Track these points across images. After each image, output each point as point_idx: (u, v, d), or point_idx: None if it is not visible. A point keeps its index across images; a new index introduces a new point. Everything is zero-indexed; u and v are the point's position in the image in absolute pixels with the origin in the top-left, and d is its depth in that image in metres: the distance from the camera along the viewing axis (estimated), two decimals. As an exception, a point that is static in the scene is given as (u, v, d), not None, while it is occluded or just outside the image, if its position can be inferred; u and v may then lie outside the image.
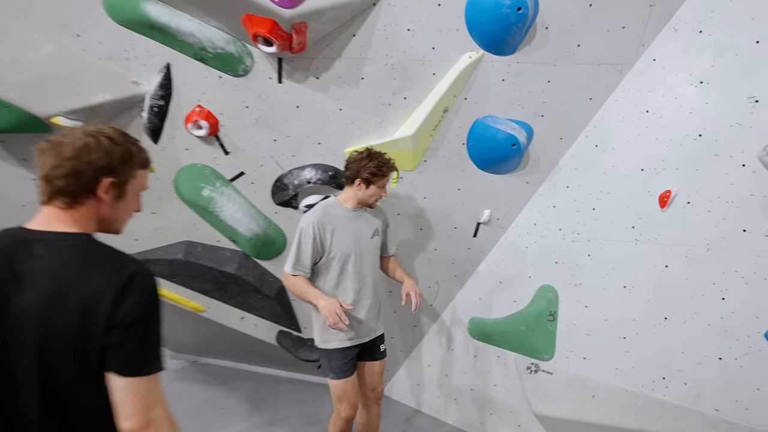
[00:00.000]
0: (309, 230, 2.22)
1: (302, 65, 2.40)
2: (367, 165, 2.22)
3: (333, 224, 2.27)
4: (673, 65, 2.34)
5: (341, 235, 2.28)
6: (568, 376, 2.64)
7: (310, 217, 2.25)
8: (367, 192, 2.27)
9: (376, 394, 2.55)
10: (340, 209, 2.33)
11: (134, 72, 2.40)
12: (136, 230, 2.86)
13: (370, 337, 2.44)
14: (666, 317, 2.33)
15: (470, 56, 2.40)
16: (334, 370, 2.36)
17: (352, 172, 2.27)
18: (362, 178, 2.24)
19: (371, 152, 2.27)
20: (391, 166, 2.28)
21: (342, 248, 2.28)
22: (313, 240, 2.21)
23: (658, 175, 2.37)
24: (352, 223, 2.33)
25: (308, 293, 2.20)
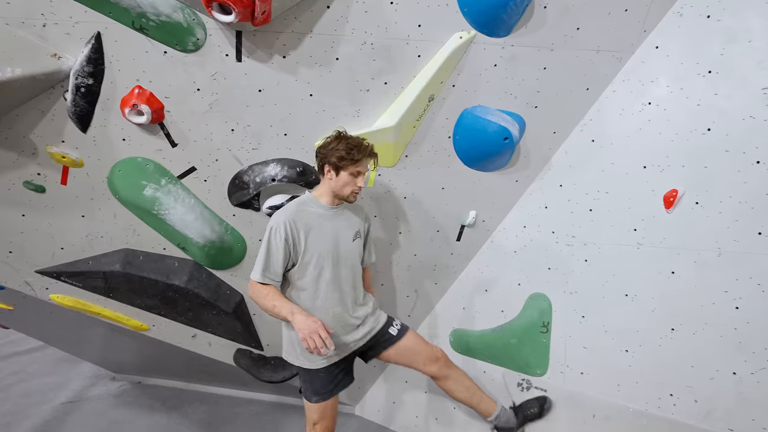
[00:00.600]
0: (280, 230, 1.90)
1: (266, 41, 2.03)
2: (335, 148, 1.92)
3: (307, 223, 1.96)
4: (678, 53, 2.15)
5: (317, 235, 1.97)
6: (564, 394, 2.41)
7: (281, 216, 1.93)
8: (338, 181, 1.96)
9: (440, 361, 2.24)
10: (315, 206, 2.01)
11: (54, 42, 1.94)
12: (62, 237, 2.39)
13: (360, 345, 2.16)
14: (673, 328, 2.14)
15: (460, 36, 2.11)
16: (318, 392, 2.08)
17: (321, 158, 1.99)
18: (330, 164, 1.93)
19: (341, 134, 1.97)
20: (364, 150, 1.94)
21: (318, 251, 1.97)
22: (285, 242, 1.90)
23: (662, 173, 2.18)
24: (330, 223, 2.01)
25: (281, 307, 1.86)
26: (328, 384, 2.10)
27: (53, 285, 2.49)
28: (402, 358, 2.21)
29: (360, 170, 1.96)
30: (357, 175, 1.97)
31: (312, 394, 2.08)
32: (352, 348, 2.14)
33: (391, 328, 2.21)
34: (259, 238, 2.50)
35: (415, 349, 2.20)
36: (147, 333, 2.73)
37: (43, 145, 2.15)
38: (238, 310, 2.66)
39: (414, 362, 2.22)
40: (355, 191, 1.99)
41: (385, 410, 3.15)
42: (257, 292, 1.92)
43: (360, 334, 2.13)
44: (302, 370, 2.09)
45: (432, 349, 2.24)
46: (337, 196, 2.01)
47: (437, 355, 2.23)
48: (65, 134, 2.15)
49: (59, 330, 3.04)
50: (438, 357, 2.23)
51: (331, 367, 2.09)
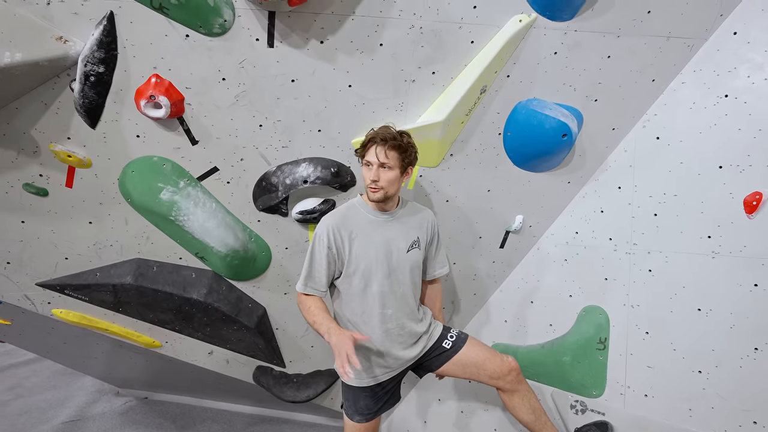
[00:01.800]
0: (323, 237, 1.71)
1: (302, 23, 1.78)
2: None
3: (353, 230, 1.75)
4: (762, 39, 1.93)
5: (363, 244, 1.75)
6: (626, 418, 2.17)
7: (326, 221, 1.75)
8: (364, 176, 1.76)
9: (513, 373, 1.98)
10: (365, 211, 1.80)
11: (60, 23, 1.68)
12: (66, 246, 2.13)
13: (411, 364, 1.95)
14: (757, 348, 1.91)
15: (520, 20, 1.88)
16: (362, 412, 1.89)
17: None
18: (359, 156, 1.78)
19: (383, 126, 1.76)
20: (379, 137, 1.68)
21: (365, 261, 1.75)
22: (328, 249, 1.71)
23: (742, 174, 1.95)
24: (380, 230, 1.79)
25: (320, 324, 1.69)
26: (373, 404, 1.90)
27: (56, 299, 2.24)
28: (463, 372, 1.98)
29: (370, 160, 1.70)
30: (368, 166, 1.71)
31: (354, 412, 1.90)
32: (402, 367, 1.92)
33: (445, 341, 1.98)
34: (285, 245, 2.26)
35: (477, 362, 1.95)
36: (159, 350, 2.48)
37: (46, 142, 1.90)
38: (261, 325, 2.41)
39: (478, 376, 1.98)
40: (372, 187, 1.72)
41: (414, 429, 2.91)
42: (301, 303, 1.80)
43: (412, 354, 1.90)
44: (346, 387, 1.90)
45: (501, 361, 1.97)
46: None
47: (510, 367, 1.97)
48: (71, 130, 1.89)
49: (60, 346, 2.78)
50: (511, 369, 1.97)
51: (377, 387, 1.89)
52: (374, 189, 1.72)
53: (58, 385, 3.76)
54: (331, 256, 1.73)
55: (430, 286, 2.12)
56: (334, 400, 2.82)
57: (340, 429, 3.13)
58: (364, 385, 1.87)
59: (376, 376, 1.87)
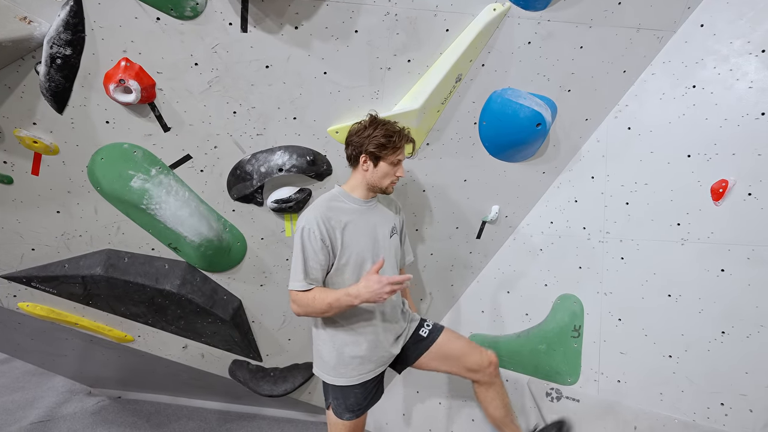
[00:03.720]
0: (314, 230, 1.63)
1: (276, 8, 1.76)
2: (372, 135, 1.68)
3: (341, 220, 1.69)
4: (727, 31, 1.98)
5: (353, 233, 1.71)
6: (600, 404, 2.21)
7: (311, 213, 1.67)
8: (377, 172, 1.72)
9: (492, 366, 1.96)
10: (348, 200, 1.75)
11: (23, 2, 1.63)
12: (33, 236, 2.07)
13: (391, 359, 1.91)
14: (724, 331, 1.96)
15: (494, 9, 1.89)
16: (352, 409, 1.82)
17: (355, 147, 1.72)
18: (367, 153, 1.69)
19: (376, 119, 1.73)
20: (405, 136, 1.72)
21: (356, 251, 1.71)
22: (322, 242, 1.64)
23: (709, 162, 2.00)
24: (366, 218, 1.76)
25: (338, 299, 1.59)
26: (362, 400, 1.84)
27: (22, 292, 2.16)
28: (443, 365, 1.95)
29: (400, 158, 1.73)
30: (397, 164, 1.73)
31: (344, 410, 1.83)
32: (390, 361, 1.90)
33: (422, 329, 1.96)
34: (261, 236, 2.23)
35: (457, 354, 1.93)
36: (131, 345, 2.42)
37: (10, 127, 1.84)
38: (236, 318, 2.38)
39: (457, 369, 1.95)
40: (394, 182, 1.75)
41: (394, 423, 2.90)
42: (303, 301, 1.64)
43: (398, 347, 1.89)
44: (333, 386, 1.83)
45: (481, 354, 1.96)
46: (374, 188, 1.76)
47: (490, 360, 1.95)
48: (37, 115, 1.83)
49: (28, 343, 2.69)
50: (491, 362, 1.95)
51: (367, 383, 1.84)
52: (395, 183, 1.76)
53: (26, 386, 3.65)
54: (326, 249, 1.65)
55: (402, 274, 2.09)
56: (311, 394, 2.80)
57: (317, 424, 3.11)
58: (355, 383, 1.81)
59: (369, 371, 1.82)
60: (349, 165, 1.78)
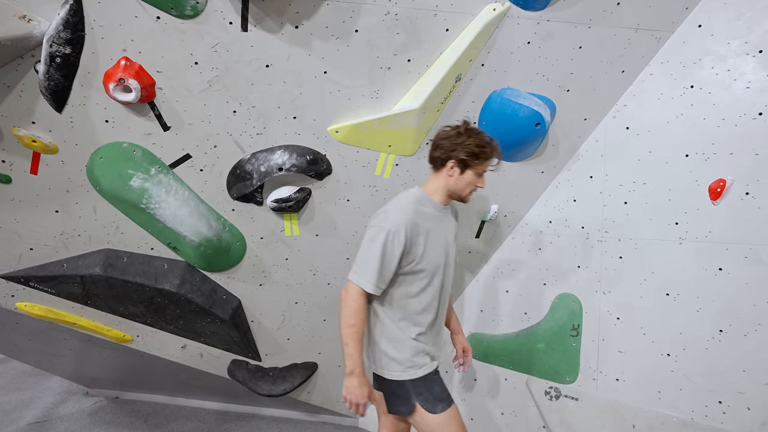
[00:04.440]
0: (400, 235, 1.57)
1: (276, 7, 1.77)
2: (465, 143, 1.64)
3: (426, 226, 1.64)
4: (725, 32, 1.99)
5: (434, 241, 1.66)
6: (598, 402, 2.22)
7: (399, 216, 1.60)
8: (462, 179, 1.69)
9: None
10: (430, 205, 1.70)
11: (23, 1, 1.63)
12: (31, 236, 2.06)
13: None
14: (721, 330, 1.97)
15: (494, 8, 1.90)
16: (442, 398, 1.69)
17: (444, 152, 1.67)
18: (458, 160, 1.66)
19: (469, 127, 1.69)
20: (495, 148, 1.71)
21: (434, 258, 1.67)
22: (402, 249, 1.58)
23: (707, 162, 2.01)
24: (441, 225, 1.72)
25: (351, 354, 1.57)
26: (444, 385, 1.74)
27: (20, 292, 2.16)
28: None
29: (485, 169, 1.72)
30: (481, 175, 1.72)
31: (437, 402, 1.68)
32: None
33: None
34: (261, 235, 2.23)
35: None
36: (130, 345, 2.42)
37: (9, 126, 1.83)
38: (235, 317, 2.38)
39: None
40: (473, 191, 1.74)
41: (393, 422, 2.91)
42: (356, 305, 1.58)
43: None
44: (415, 383, 1.69)
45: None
46: (454, 195, 1.73)
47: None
48: (36, 114, 1.83)
49: (26, 343, 2.68)
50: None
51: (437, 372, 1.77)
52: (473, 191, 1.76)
53: (23, 386, 3.63)
54: (401, 256, 1.59)
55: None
56: (310, 394, 2.80)
57: (316, 424, 3.11)
58: (435, 367, 1.73)
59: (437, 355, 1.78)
60: (432, 167, 1.74)
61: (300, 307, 2.48)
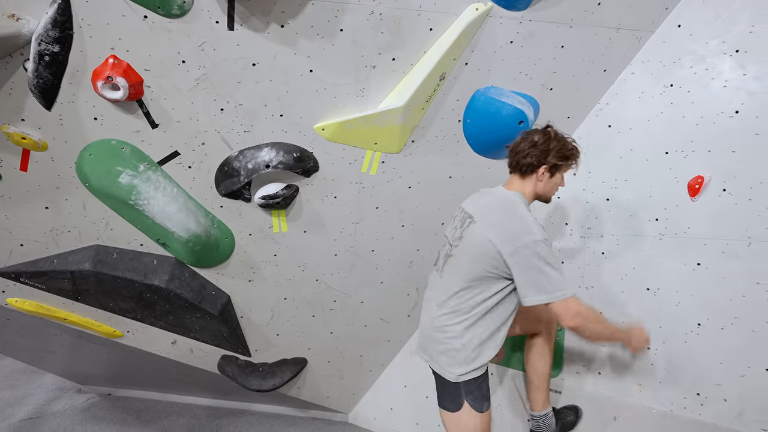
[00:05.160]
0: (549, 240, 1.62)
1: (262, 7, 1.80)
2: (556, 148, 1.71)
3: None
4: (703, 32, 2.04)
5: None
6: (581, 396, 2.26)
7: (537, 224, 1.62)
8: (550, 182, 1.76)
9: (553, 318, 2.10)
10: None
11: (12, 0, 1.66)
12: (21, 232, 2.09)
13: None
14: (699, 323, 2.01)
15: (476, 8, 1.94)
16: (487, 396, 1.77)
17: (536, 158, 1.71)
18: (548, 164, 1.72)
19: (556, 132, 1.75)
20: (578, 147, 1.78)
21: None
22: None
23: (686, 159, 2.06)
24: None
25: (613, 330, 1.80)
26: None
27: (11, 287, 2.18)
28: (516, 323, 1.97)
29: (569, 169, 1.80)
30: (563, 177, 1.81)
31: (484, 400, 1.74)
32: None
33: None
34: (249, 232, 2.26)
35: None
36: (120, 340, 2.44)
37: (-2, 124, 1.86)
38: (225, 313, 2.41)
39: (531, 320, 2.08)
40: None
41: (382, 417, 2.95)
42: (585, 310, 1.61)
43: None
44: (469, 382, 1.73)
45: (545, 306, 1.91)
46: (541, 197, 1.80)
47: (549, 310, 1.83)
48: (25, 111, 1.85)
49: (17, 340, 2.70)
50: (550, 313, 1.86)
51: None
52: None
53: (16, 383, 3.64)
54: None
55: None
56: (300, 389, 2.83)
57: (306, 419, 3.14)
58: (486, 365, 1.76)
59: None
60: (519, 174, 1.76)
61: (289, 303, 2.52)
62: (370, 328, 2.68)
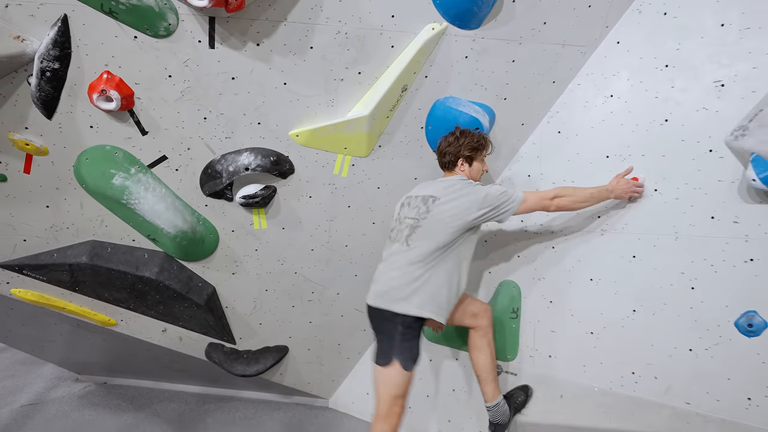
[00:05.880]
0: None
1: (239, 28, 2.02)
2: (465, 143, 2.21)
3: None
4: (638, 48, 2.26)
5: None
6: (534, 377, 2.49)
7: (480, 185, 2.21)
8: (472, 170, 2.27)
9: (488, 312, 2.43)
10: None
11: (17, 24, 1.88)
12: (24, 228, 2.31)
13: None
14: (634, 309, 2.24)
15: (433, 28, 2.16)
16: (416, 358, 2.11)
17: (452, 155, 2.23)
18: (464, 157, 2.23)
19: (462, 130, 2.24)
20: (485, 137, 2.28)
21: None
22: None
23: (623, 162, 2.28)
24: None
25: (594, 192, 2.20)
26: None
27: (15, 279, 2.40)
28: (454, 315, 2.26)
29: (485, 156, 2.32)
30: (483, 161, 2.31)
31: (411, 360, 2.05)
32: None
33: None
34: (232, 228, 2.49)
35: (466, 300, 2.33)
36: (115, 328, 2.66)
37: (4, 131, 2.08)
38: (210, 303, 2.63)
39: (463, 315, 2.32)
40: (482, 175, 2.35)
41: (359, 402, 3.17)
42: (561, 192, 2.18)
43: None
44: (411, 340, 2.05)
45: (479, 302, 2.41)
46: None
47: (486, 306, 2.41)
48: (29, 120, 2.08)
49: (20, 329, 2.92)
50: (488, 307, 2.40)
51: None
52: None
53: (16, 374, 3.85)
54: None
55: None
56: (283, 375, 3.05)
57: (290, 405, 3.36)
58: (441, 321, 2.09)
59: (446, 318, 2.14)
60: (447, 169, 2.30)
61: (270, 294, 2.74)
62: (347, 317, 2.90)
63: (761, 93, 1.96)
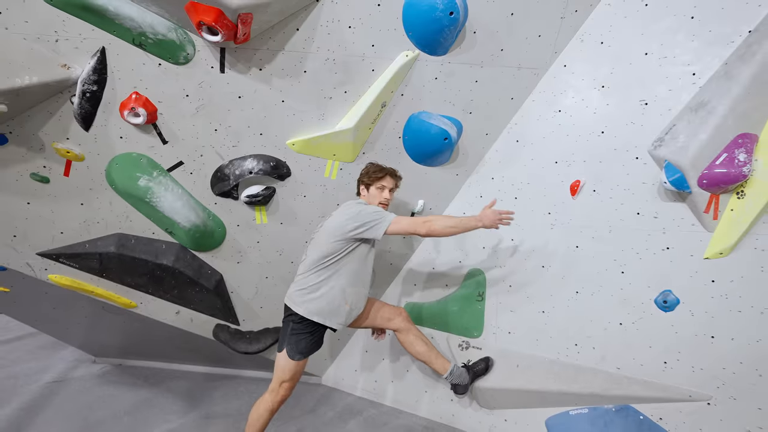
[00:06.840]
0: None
1: (245, 56, 2.44)
2: (362, 173, 2.61)
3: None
4: (580, 71, 2.67)
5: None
6: (496, 351, 2.90)
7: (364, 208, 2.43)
8: (369, 195, 2.58)
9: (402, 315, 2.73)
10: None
11: (64, 55, 2.30)
12: (62, 222, 2.72)
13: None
14: (577, 291, 2.65)
15: (406, 55, 2.58)
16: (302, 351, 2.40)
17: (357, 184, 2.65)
18: (363, 185, 2.60)
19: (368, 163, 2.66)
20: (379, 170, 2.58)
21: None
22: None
23: (569, 167, 2.69)
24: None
25: (462, 222, 2.37)
26: (314, 346, 2.44)
27: (52, 266, 2.81)
28: (366, 320, 2.63)
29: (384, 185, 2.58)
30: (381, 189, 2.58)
31: (296, 352, 2.37)
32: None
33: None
34: (237, 223, 2.90)
35: (372, 309, 2.63)
36: (135, 310, 3.07)
37: (49, 141, 2.50)
38: (219, 288, 3.04)
39: (377, 321, 2.64)
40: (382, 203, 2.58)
41: (348, 378, 3.57)
42: (431, 218, 2.36)
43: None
44: (294, 331, 2.37)
45: (391, 307, 2.69)
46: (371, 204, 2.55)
47: (399, 310, 2.70)
48: (70, 132, 2.50)
49: (50, 312, 3.32)
50: (400, 311, 2.70)
51: (325, 333, 2.48)
52: (386, 205, 2.58)
53: (39, 357, 4.24)
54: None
55: None
56: (281, 354, 3.44)
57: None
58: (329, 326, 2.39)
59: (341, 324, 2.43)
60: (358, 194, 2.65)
61: (270, 281, 3.15)
62: (337, 303, 3.31)
63: (675, 111, 2.38)
